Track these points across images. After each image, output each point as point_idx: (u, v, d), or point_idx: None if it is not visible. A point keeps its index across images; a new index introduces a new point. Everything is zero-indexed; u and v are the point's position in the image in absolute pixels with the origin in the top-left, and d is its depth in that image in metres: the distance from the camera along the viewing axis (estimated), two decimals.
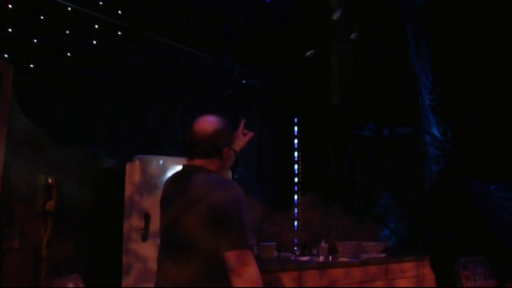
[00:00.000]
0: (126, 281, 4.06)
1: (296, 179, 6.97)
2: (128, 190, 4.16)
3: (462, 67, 6.90)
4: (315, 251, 5.65)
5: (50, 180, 3.73)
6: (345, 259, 5.41)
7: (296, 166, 7.02)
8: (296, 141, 7.12)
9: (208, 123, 2.33)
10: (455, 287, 5.74)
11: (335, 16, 6.89)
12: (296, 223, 6.36)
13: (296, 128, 7.18)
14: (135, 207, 4.12)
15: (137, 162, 4.18)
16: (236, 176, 6.29)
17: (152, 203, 4.06)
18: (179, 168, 2.42)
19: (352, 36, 6.49)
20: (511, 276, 5.61)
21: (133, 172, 4.16)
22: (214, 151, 2.32)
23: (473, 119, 6.91)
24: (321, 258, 5.37)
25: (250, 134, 2.68)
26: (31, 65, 4.97)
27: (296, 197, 6.65)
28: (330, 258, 5.44)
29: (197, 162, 2.34)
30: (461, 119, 6.99)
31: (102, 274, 4.40)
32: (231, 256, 2.06)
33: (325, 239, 5.76)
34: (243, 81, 6.87)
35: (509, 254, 6.61)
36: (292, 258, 5.45)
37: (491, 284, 5.88)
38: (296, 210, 6.46)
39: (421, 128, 6.66)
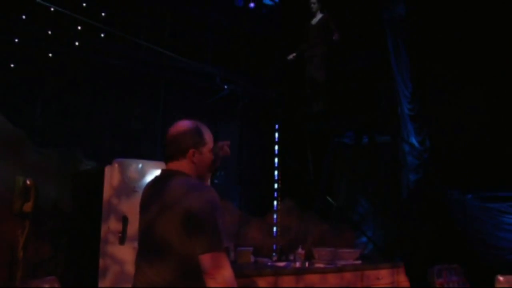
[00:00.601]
0: (102, 284, 4.06)
1: (276, 185, 7.01)
2: (107, 193, 4.16)
3: (440, 77, 7.01)
4: (292, 257, 5.67)
5: (28, 182, 3.71)
6: (321, 265, 5.45)
7: (276, 172, 7.06)
8: (276, 147, 7.16)
9: (177, 126, 2.39)
10: None
11: (314, 20, 6.90)
12: (275, 229, 6.40)
13: (276, 134, 7.23)
14: (113, 210, 4.13)
15: (116, 165, 4.18)
16: (216, 181, 6.32)
17: (130, 207, 4.06)
18: (158, 172, 2.45)
19: (334, 37, 6.47)
20: (484, 284, 5.68)
21: (112, 175, 4.17)
22: (178, 152, 2.36)
23: (451, 129, 7.01)
24: (297, 264, 5.40)
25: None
26: (12, 65, 4.96)
27: (275, 203, 6.69)
28: (307, 264, 5.47)
29: (171, 165, 2.39)
30: (439, 129, 7.08)
31: (79, 276, 4.39)
32: (205, 259, 2.09)
33: (302, 245, 5.79)
34: (225, 87, 6.90)
35: (483, 262, 6.72)
36: (269, 263, 5.47)
37: None
38: (275, 216, 6.50)
39: (399, 137, 6.75)
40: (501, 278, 5.03)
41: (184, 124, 2.39)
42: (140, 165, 4.25)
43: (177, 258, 2.16)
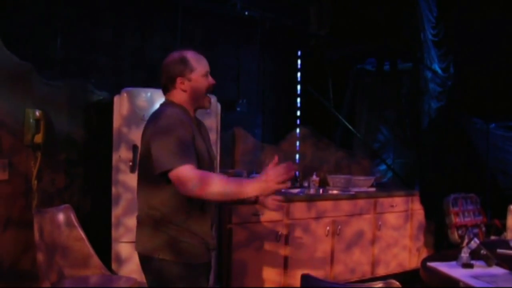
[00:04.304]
0: (116, 211, 4.23)
1: (298, 113, 7.02)
2: (116, 122, 4.24)
3: (467, 1, 6.70)
4: (306, 184, 5.76)
5: (37, 114, 3.82)
6: (334, 192, 5.53)
7: (298, 100, 7.06)
8: (299, 74, 7.12)
9: (168, 56, 2.52)
10: (443, 222, 5.86)
11: None
12: (297, 156, 6.47)
13: (299, 61, 7.16)
14: (123, 139, 4.22)
15: (125, 95, 4.23)
16: (238, 108, 6.36)
17: (140, 135, 4.13)
18: None
19: None
20: (501, 214, 5.68)
21: (121, 104, 4.23)
22: (168, 83, 2.49)
23: (477, 56, 6.78)
24: (311, 191, 5.50)
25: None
26: None
27: (298, 130, 6.72)
28: (321, 190, 5.57)
29: (166, 96, 2.54)
30: (464, 55, 6.86)
31: (94, 204, 4.58)
32: (171, 178, 2.21)
33: (317, 172, 5.87)
34: (246, 13, 6.76)
35: (503, 192, 6.69)
36: (282, 190, 5.56)
37: (480, 221, 5.98)
38: (298, 143, 6.56)
39: (422, 63, 6.57)
40: None
41: (170, 55, 2.52)
42: (149, 94, 4.29)
43: (151, 184, 2.38)
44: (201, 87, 2.49)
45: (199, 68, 2.48)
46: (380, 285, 2.15)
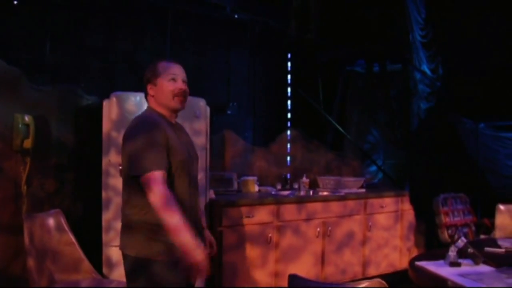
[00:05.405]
0: (106, 215, 4.23)
1: (289, 115, 7.05)
2: (106, 127, 4.24)
3: (455, 3, 6.76)
4: (296, 186, 5.79)
5: (27, 119, 3.83)
6: (324, 194, 5.56)
7: (289, 102, 7.08)
8: (289, 76, 7.14)
9: None
10: (433, 222, 5.89)
11: None
12: (288, 158, 6.50)
13: (289, 64, 7.19)
14: (113, 143, 4.22)
15: (114, 99, 4.23)
16: (229, 112, 6.38)
17: None
18: None
19: None
20: (490, 213, 5.72)
21: (110, 109, 4.23)
22: (144, 89, 2.67)
23: (465, 57, 6.83)
24: (301, 192, 5.52)
25: None
26: (15, 2, 4.93)
27: (288, 132, 6.75)
28: (311, 192, 5.60)
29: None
30: (453, 56, 6.91)
31: (85, 209, 4.58)
32: (142, 181, 2.34)
33: (307, 174, 5.89)
34: (235, 16, 6.78)
35: (493, 192, 6.74)
36: (273, 192, 5.60)
37: (469, 220, 6.02)
38: (288, 146, 6.59)
39: (410, 64, 6.62)
40: (501, 207, 5.05)
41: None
42: (138, 98, 4.29)
43: (128, 189, 2.49)
44: (164, 91, 2.58)
45: (164, 73, 2.59)
46: (366, 284, 2.17)
